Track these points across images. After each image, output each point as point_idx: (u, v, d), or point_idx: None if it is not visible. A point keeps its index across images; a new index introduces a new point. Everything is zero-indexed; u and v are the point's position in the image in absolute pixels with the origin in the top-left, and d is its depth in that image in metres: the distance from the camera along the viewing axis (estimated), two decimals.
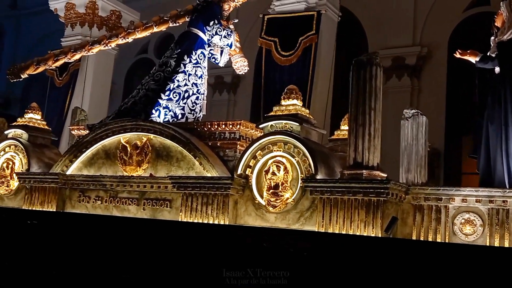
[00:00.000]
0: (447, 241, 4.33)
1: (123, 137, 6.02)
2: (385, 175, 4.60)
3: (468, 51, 5.00)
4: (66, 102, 9.91)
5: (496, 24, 4.88)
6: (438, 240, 4.36)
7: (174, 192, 5.51)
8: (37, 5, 16.77)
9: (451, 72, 9.62)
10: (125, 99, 7.00)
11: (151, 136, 5.82)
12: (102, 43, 7.59)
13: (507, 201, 4.17)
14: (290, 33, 7.39)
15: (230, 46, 6.98)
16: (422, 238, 4.42)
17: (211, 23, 6.77)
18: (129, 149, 5.96)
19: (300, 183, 4.82)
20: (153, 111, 6.31)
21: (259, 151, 5.08)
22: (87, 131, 6.51)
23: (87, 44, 7.77)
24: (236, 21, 7.23)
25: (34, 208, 6.45)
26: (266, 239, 4.60)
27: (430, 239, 4.38)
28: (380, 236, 4.34)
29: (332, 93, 7.64)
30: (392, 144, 5.31)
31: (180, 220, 5.37)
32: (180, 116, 6.45)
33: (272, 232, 4.80)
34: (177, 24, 7.39)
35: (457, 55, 5.10)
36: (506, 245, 4.13)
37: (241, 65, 7.28)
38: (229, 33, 6.89)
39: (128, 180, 5.86)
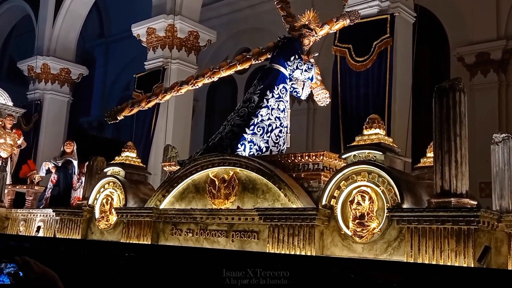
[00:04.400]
0: None
1: (211, 172, 6.28)
2: (475, 203, 4.46)
3: None
4: (152, 120, 10.48)
5: None
6: None
7: (261, 223, 5.64)
8: (123, 31, 17.95)
9: None
10: (208, 117, 7.29)
11: (237, 169, 6.03)
12: (190, 83, 8.01)
13: None
14: (363, 38, 7.38)
15: (311, 80, 7.12)
16: None
17: (292, 58, 6.96)
18: (217, 182, 6.20)
19: (386, 213, 4.78)
20: (239, 145, 6.54)
21: (343, 182, 5.11)
22: (178, 167, 6.85)
23: (176, 85, 8.23)
24: (316, 55, 7.39)
25: (131, 241, 6.83)
26: (354, 270, 4.59)
27: None
28: (473, 266, 4.19)
29: (412, 98, 7.52)
30: (482, 145, 5.13)
31: (267, 251, 5.48)
32: (264, 149, 6.63)
33: (361, 263, 4.77)
34: (260, 61, 7.67)
35: None
36: None
37: (322, 97, 7.39)
38: (309, 67, 7.04)
39: (217, 212, 6.08)
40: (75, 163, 10.39)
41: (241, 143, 6.56)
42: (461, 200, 4.40)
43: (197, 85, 8.13)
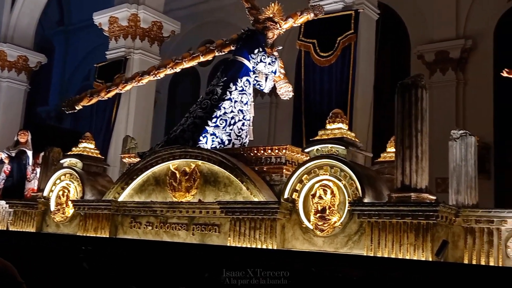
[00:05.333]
0: (500, 264, 4.21)
1: (172, 164, 6.18)
2: (434, 198, 4.53)
3: None
4: (112, 111, 10.23)
5: None
6: (491, 263, 4.23)
7: (222, 217, 5.59)
8: (84, 20, 17.49)
9: (497, 62, 9.41)
10: (170, 109, 7.20)
11: (199, 162, 5.95)
12: (152, 74, 7.86)
13: None
14: (328, 34, 7.40)
15: (275, 73, 7.09)
16: (474, 262, 4.30)
17: (256, 51, 6.91)
18: (178, 175, 6.11)
19: (348, 207, 4.81)
20: (201, 138, 6.46)
21: (306, 175, 5.11)
22: (138, 159, 6.72)
23: (137, 75, 8.07)
24: (280, 48, 7.36)
25: (88, 234, 6.67)
26: (315, 264, 4.60)
27: (482, 263, 4.26)
28: (431, 260, 4.26)
29: (373, 93, 7.60)
30: (439, 141, 5.23)
31: (228, 244, 5.44)
32: (226, 142, 6.57)
33: (322, 257, 4.79)
34: (223, 53, 7.59)
35: (504, 74, 5.02)
36: None
37: (285, 91, 7.37)
38: (273, 60, 7.01)
39: (178, 206, 5.99)
40: (29, 153, 10.07)
41: (203, 135, 6.49)
42: (421, 195, 4.46)
43: (159, 76, 7.99)
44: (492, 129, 9.45)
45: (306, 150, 5.33)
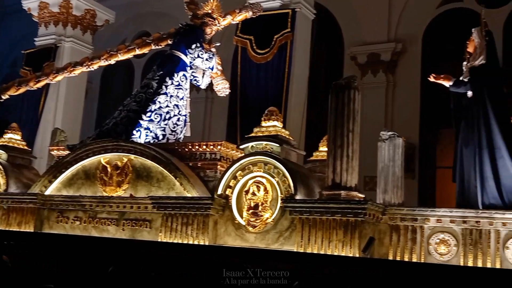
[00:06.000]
0: (422, 260, 4.42)
1: (103, 158, 6.02)
2: (363, 196, 4.68)
3: (442, 76, 5.15)
4: (41, 101, 9.79)
5: (468, 49, 5.06)
6: (414, 259, 4.44)
7: (154, 212, 5.52)
8: (12, 4, 16.54)
9: (425, 67, 9.84)
10: (102, 101, 7.01)
11: (132, 156, 5.84)
12: (84, 65, 7.63)
13: (480, 221, 4.29)
14: (265, 31, 7.45)
15: (212, 69, 7.07)
16: (398, 258, 4.49)
17: (193, 46, 6.86)
18: (109, 169, 5.97)
19: (280, 203, 4.88)
20: (134, 132, 6.34)
21: (240, 172, 5.14)
22: (67, 152, 6.50)
23: (69, 66, 7.79)
24: (218, 44, 7.35)
25: (11, 229, 6.38)
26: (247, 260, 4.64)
27: (406, 259, 4.46)
28: (358, 256, 4.40)
29: (307, 91, 7.74)
30: (368, 141, 5.39)
31: (159, 240, 5.37)
32: (161, 137, 6.48)
33: (253, 252, 4.83)
34: (160, 47, 7.48)
35: (431, 79, 5.25)
36: (479, 264, 4.23)
37: (222, 88, 7.37)
38: (211, 56, 6.99)
39: (108, 200, 5.85)
40: None
41: (137, 129, 6.36)
42: (350, 193, 4.61)
43: (92, 67, 7.75)
44: (418, 130, 9.88)
45: (241, 147, 5.36)
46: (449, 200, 5.24)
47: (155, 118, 6.48)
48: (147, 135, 6.39)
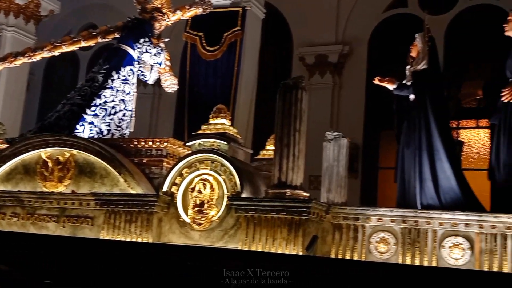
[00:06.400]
0: (363, 259, 4.53)
1: (44, 152, 5.83)
2: (308, 195, 4.75)
3: (386, 79, 5.30)
4: None
5: (411, 54, 5.23)
6: (355, 258, 4.54)
7: (96, 209, 5.39)
8: None
9: (371, 69, 10.10)
10: (44, 94, 6.80)
11: (75, 151, 5.69)
12: (26, 55, 7.36)
13: (418, 221, 4.43)
14: (215, 28, 7.45)
15: (160, 64, 6.98)
16: (340, 256, 4.59)
17: (142, 40, 6.75)
18: (50, 164, 5.79)
19: (226, 201, 4.87)
20: (78, 126, 6.18)
21: (186, 169, 5.10)
22: (6, 145, 6.25)
23: (10, 56, 7.50)
24: (167, 40, 7.26)
25: None
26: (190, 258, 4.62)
27: (347, 257, 4.56)
28: (301, 254, 4.46)
29: (256, 90, 7.79)
30: (314, 140, 5.48)
31: (102, 238, 5.26)
32: (105, 132, 6.35)
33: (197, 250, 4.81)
34: (106, 40, 7.31)
35: (376, 82, 5.39)
36: (417, 263, 4.37)
37: (170, 83, 7.29)
38: (159, 51, 6.90)
39: (48, 196, 5.68)
40: None
41: (80, 124, 6.21)
42: (296, 192, 4.66)
43: (35, 58, 7.49)
44: (362, 131, 10.14)
45: (188, 144, 5.32)
46: (390, 200, 5.39)
47: (100, 113, 6.34)
48: (91, 130, 6.23)
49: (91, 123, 6.25)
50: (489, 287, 3.91)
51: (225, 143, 5.10)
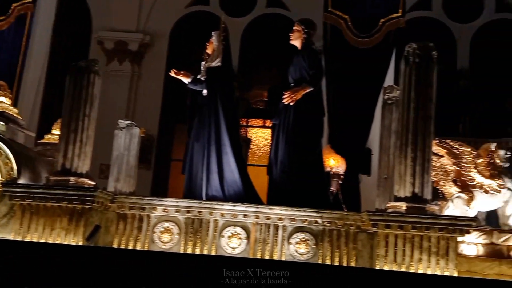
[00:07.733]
0: (146, 248, 4.53)
1: None
2: (94, 183, 4.59)
3: (182, 72, 5.38)
4: None
5: (207, 51, 5.39)
6: (138, 248, 4.53)
7: None
8: None
9: (170, 62, 10.14)
10: None
11: None
12: None
13: (202, 211, 4.60)
14: None
15: None
16: (123, 246, 4.53)
17: None
18: None
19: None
20: None
21: None
22: None
23: None
24: None
25: None
26: None
27: (130, 247, 4.52)
28: (81, 244, 4.28)
29: (47, 68, 7.25)
30: (108, 128, 5.31)
31: None
32: None
33: None
34: None
35: (172, 74, 5.44)
36: (197, 252, 4.53)
37: None
38: None
39: None
40: None
41: None
42: (80, 180, 4.47)
43: None
44: (158, 123, 10.14)
45: None
46: (181, 191, 5.48)
47: None
48: None
49: None
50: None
51: (3, 123, 4.64)
